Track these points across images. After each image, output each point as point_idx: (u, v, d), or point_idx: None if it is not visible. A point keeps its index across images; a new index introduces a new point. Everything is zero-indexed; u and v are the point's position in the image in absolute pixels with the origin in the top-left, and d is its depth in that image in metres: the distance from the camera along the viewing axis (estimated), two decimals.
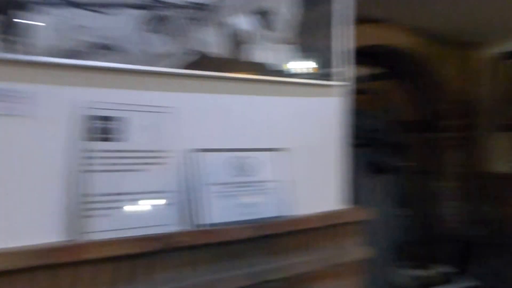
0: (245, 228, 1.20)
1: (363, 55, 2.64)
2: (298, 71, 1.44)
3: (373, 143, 2.52)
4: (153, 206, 1.11)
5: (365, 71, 3.45)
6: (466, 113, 3.71)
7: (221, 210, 1.19)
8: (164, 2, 1.16)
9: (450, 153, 3.69)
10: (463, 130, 3.71)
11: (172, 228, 1.11)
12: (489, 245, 3.22)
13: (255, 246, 1.23)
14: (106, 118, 1.08)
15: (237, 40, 1.28)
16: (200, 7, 1.21)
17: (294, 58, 1.42)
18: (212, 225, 1.17)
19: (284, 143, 1.38)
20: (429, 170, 3.66)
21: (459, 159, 3.69)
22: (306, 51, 1.44)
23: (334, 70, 1.52)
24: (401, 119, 3.45)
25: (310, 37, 1.46)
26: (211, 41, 1.23)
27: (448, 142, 3.69)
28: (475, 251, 3.23)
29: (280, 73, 1.39)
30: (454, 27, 3.27)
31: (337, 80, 1.53)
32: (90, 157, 1.04)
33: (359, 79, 1.67)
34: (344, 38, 1.54)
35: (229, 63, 1.27)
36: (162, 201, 1.12)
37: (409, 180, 3.45)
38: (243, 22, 1.30)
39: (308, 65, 1.47)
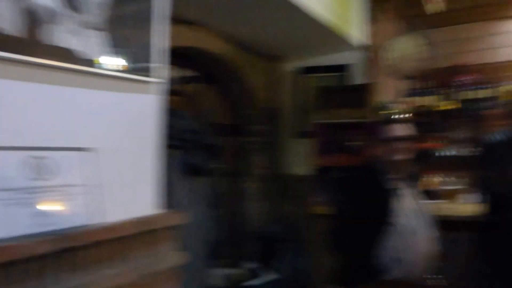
0: (41, 242, 1.00)
1: (177, 56, 2.60)
2: (110, 63, 1.30)
3: (187, 145, 2.50)
4: None
5: (178, 72, 3.42)
6: (270, 120, 4.01)
7: (8, 222, 0.97)
8: None
9: (256, 156, 3.93)
10: (267, 135, 4.00)
11: None
12: (288, 241, 3.52)
13: (56, 262, 1.04)
14: None
15: (36, 17, 1.08)
16: None
17: (105, 48, 1.27)
18: None
19: (93, 141, 1.22)
20: (238, 172, 3.84)
21: (264, 162, 3.96)
22: (119, 43, 1.31)
23: (150, 66, 1.42)
24: (214, 122, 3.53)
25: (125, 29, 1.34)
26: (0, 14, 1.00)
27: (255, 146, 3.93)
28: (277, 247, 3.50)
29: (90, 62, 1.23)
30: (262, 40, 3.51)
31: (153, 77, 1.44)
32: None
33: (172, 80, 1.61)
34: (160, 36, 1.45)
35: (24, 44, 1.06)
36: None
37: (221, 182, 3.55)
38: None
39: (121, 58, 1.34)
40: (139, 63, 1.39)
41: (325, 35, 3.33)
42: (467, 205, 3.30)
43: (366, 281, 1.99)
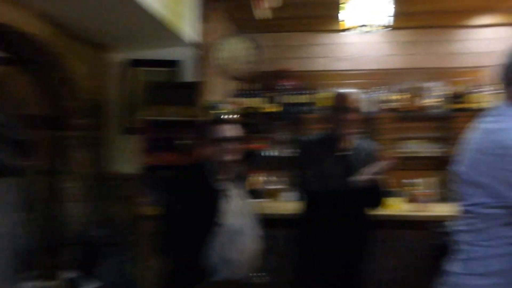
0: None
1: None
2: None
3: None
4: None
5: None
6: (94, 113, 3.72)
7: None
8: None
9: (77, 152, 3.61)
10: (91, 130, 3.70)
11: None
12: (112, 245, 3.33)
13: None
14: None
15: None
16: None
17: None
18: None
19: None
20: (56, 170, 3.47)
21: (86, 159, 3.66)
22: None
23: None
24: (26, 113, 3.11)
25: None
26: None
27: (76, 141, 3.60)
28: (100, 252, 3.27)
29: None
30: (87, 25, 3.22)
31: None
32: None
33: None
34: None
35: None
36: None
37: (34, 182, 3.15)
38: None
39: None
40: None
41: (155, 28, 3.23)
42: (288, 203, 3.57)
43: (195, 284, 1.98)
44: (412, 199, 3.70)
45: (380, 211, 2.98)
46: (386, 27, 3.42)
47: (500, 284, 1.43)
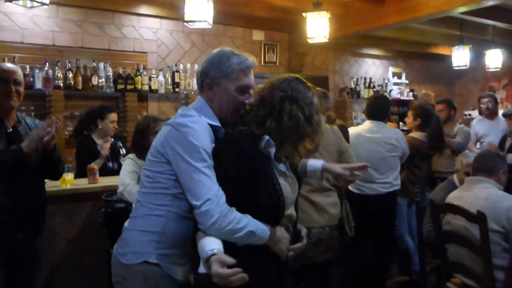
0: None
1: None
2: None
3: None
4: None
5: None
6: None
7: None
8: None
9: None
10: None
11: None
12: None
13: None
14: None
15: None
16: None
17: None
18: None
19: None
20: None
21: None
22: None
23: None
24: None
25: None
26: None
27: None
28: None
29: None
30: None
31: None
32: None
33: None
34: None
35: None
36: None
37: None
38: None
39: None
40: None
41: None
42: None
43: None
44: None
45: (56, 187, 3.17)
46: (44, 3, 3.42)
47: (156, 241, 1.74)
